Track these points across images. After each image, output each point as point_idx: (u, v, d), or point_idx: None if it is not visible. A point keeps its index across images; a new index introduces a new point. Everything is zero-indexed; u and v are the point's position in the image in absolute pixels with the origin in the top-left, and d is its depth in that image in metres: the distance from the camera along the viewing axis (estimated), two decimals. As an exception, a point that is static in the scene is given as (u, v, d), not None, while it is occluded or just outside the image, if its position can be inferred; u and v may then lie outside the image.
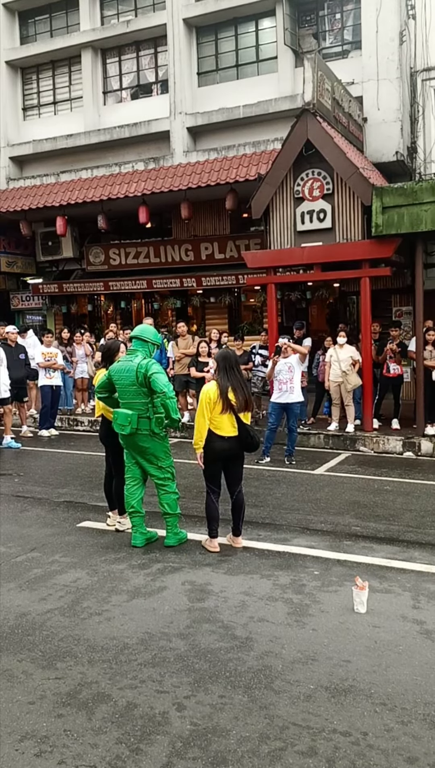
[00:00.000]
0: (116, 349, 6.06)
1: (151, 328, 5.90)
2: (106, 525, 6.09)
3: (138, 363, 5.38)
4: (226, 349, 5.67)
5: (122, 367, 5.48)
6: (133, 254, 16.09)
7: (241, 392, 5.33)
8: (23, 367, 11.18)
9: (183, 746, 2.85)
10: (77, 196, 14.61)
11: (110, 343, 6.37)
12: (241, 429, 5.36)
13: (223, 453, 5.37)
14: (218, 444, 5.33)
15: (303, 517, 6.45)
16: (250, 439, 5.40)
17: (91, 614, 4.19)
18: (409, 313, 13.13)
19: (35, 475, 8.44)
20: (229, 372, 5.36)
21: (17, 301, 18.41)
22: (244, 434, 5.38)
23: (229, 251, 14.80)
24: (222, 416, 5.30)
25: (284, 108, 13.60)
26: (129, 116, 15.80)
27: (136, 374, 5.34)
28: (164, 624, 4.03)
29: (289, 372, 8.93)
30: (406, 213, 9.60)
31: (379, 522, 6.30)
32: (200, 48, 15.43)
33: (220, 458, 5.40)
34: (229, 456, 5.41)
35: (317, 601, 4.37)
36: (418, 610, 4.23)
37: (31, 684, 3.38)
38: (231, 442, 5.35)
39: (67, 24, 17.17)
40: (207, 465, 5.42)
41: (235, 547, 5.48)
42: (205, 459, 5.39)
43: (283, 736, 2.92)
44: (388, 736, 2.92)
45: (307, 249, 10.54)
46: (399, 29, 12.79)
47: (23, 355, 11.23)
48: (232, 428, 5.34)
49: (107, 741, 2.89)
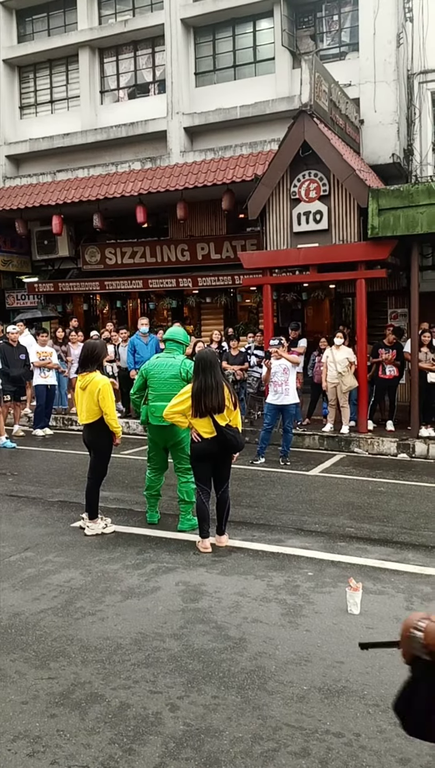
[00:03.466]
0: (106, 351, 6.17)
1: (182, 330, 6.58)
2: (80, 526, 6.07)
3: (182, 360, 6.05)
4: (204, 350, 5.71)
5: (163, 362, 6.05)
6: (129, 254, 16.07)
7: (216, 395, 5.28)
8: (23, 366, 11.24)
9: (176, 747, 2.84)
10: (73, 195, 14.59)
11: (98, 344, 6.21)
12: (219, 431, 5.33)
13: (205, 452, 5.40)
14: (200, 444, 5.38)
15: (297, 518, 6.46)
16: (230, 440, 5.37)
17: (84, 614, 4.18)
18: (404, 314, 13.16)
19: (29, 474, 8.43)
20: (205, 374, 5.34)
21: (13, 299, 18.37)
22: (221, 437, 5.34)
23: (225, 252, 14.80)
24: (198, 419, 5.35)
25: (281, 109, 13.61)
26: (126, 116, 15.78)
27: (181, 370, 5.93)
28: (158, 624, 4.03)
29: (284, 374, 8.94)
30: (402, 215, 9.63)
31: (373, 523, 6.31)
32: (198, 48, 15.42)
33: (205, 457, 5.43)
34: (214, 455, 5.42)
35: (311, 602, 4.37)
36: (411, 612, 4.23)
37: (24, 684, 3.37)
38: (211, 444, 5.36)
39: (65, 23, 17.14)
40: (193, 464, 5.54)
41: (220, 546, 5.49)
42: (191, 458, 5.55)
43: (276, 736, 2.92)
44: (380, 738, 2.92)
45: (303, 250, 10.56)
46: (396, 32, 12.81)
47: (23, 355, 11.29)
48: (210, 430, 5.34)
49: (100, 741, 2.88)
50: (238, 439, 5.47)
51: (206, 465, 5.47)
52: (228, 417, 5.39)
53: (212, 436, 5.33)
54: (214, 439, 5.34)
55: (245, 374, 11.64)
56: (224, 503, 5.55)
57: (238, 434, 5.49)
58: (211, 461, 5.46)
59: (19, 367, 11.10)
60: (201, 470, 5.49)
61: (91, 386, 5.77)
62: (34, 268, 17.85)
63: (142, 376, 6.16)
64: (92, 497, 5.92)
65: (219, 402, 5.29)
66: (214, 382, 5.31)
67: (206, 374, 5.34)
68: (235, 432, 5.45)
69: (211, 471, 5.51)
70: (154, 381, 6.01)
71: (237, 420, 5.52)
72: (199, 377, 5.36)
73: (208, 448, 5.38)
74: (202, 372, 5.36)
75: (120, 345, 12.47)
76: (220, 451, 5.42)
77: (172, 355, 6.08)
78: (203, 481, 5.51)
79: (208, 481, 5.53)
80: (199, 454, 5.45)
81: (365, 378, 10.55)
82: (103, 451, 5.97)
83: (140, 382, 6.17)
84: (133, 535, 5.85)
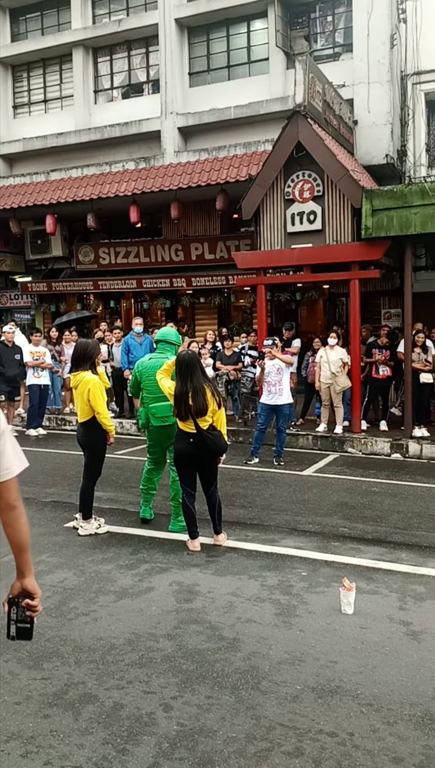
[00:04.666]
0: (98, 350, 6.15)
1: (173, 330, 6.52)
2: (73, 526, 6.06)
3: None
4: (183, 352, 5.58)
5: (155, 363, 5.95)
6: (122, 254, 16.04)
7: (197, 398, 5.24)
8: (18, 366, 11.23)
9: (170, 747, 2.84)
10: (67, 195, 14.57)
11: (91, 343, 6.16)
12: (199, 434, 5.30)
13: (185, 454, 5.39)
14: (182, 445, 5.40)
15: (291, 518, 6.47)
16: (209, 444, 5.32)
17: (78, 614, 4.17)
18: (398, 315, 13.19)
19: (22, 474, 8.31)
20: (184, 378, 5.31)
21: (6, 299, 18.32)
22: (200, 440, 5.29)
23: (219, 252, 14.80)
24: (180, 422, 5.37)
25: (275, 109, 13.63)
26: (120, 115, 15.76)
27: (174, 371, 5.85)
28: (151, 624, 4.03)
29: (277, 374, 8.94)
30: (395, 216, 9.65)
31: (367, 523, 6.32)
32: (192, 48, 15.42)
33: (185, 459, 5.42)
34: (195, 457, 5.41)
35: (305, 602, 4.38)
36: (404, 612, 4.25)
37: (17, 684, 3.36)
38: (191, 446, 5.34)
39: (59, 22, 17.10)
40: (176, 465, 5.60)
41: (217, 546, 5.49)
42: (174, 459, 5.62)
43: (270, 736, 2.93)
44: (374, 737, 2.93)
45: (297, 250, 10.57)
46: (390, 33, 12.85)
47: (18, 356, 11.28)
48: (191, 428, 5.35)
49: (93, 741, 2.88)
50: (218, 442, 5.39)
51: (188, 466, 5.47)
52: (211, 418, 5.36)
53: (193, 436, 5.32)
54: (195, 441, 5.32)
55: (239, 374, 11.64)
56: (214, 504, 5.54)
57: (219, 437, 5.40)
58: (194, 463, 5.46)
59: (14, 368, 11.11)
60: (184, 472, 5.49)
61: (81, 386, 5.78)
62: (27, 267, 17.79)
63: (135, 376, 6.17)
64: (86, 497, 5.91)
65: (200, 406, 5.26)
66: (194, 384, 5.27)
67: (185, 378, 5.29)
68: (217, 435, 5.39)
69: (195, 473, 5.52)
70: (148, 383, 6.00)
71: (221, 421, 5.46)
72: (179, 381, 5.33)
73: (188, 450, 5.38)
74: (182, 375, 5.32)
75: (114, 345, 12.45)
76: (201, 453, 5.39)
77: (165, 356, 6.05)
78: (187, 483, 5.51)
79: (193, 483, 5.53)
80: (179, 456, 5.46)
81: (359, 378, 10.57)
82: (96, 450, 5.96)
83: (135, 380, 6.19)
84: (127, 535, 5.84)
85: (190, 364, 5.34)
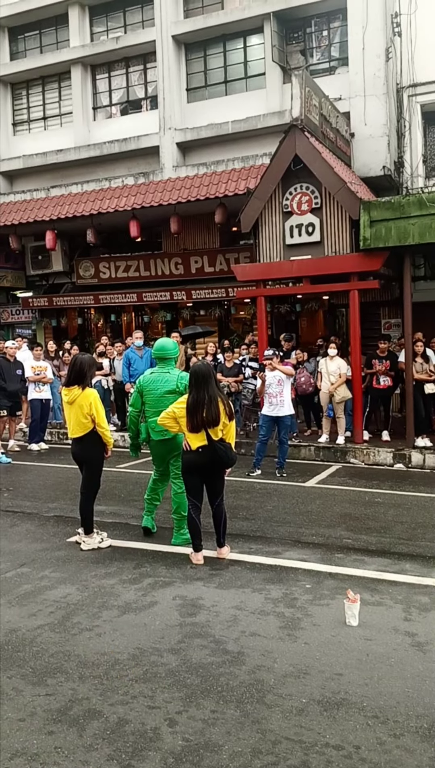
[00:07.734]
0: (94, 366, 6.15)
1: (169, 341, 6.32)
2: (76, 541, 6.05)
3: (178, 374, 6.00)
4: (199, 364, 5.64)
5: (157, 378, 5.99)
6: (123, 268, 16.13)
7: (211, 409, 5.25)
8: (19, 381, 11.26)
9: (175, 762, 2.82)
10: (67, 211, 14.67)
11: (86, 359, 6.07)
12: (211, 444, 5.30)
13: (195, 465, 5.39)
14: (191, 455, 5.38)
15: (294, 529, 6.45)
16: (220, 455, 5.34)
17: (81, 630, 4.16)
18: (398, 325, 13.22)
19: (25, 489, 8.39)
20: (199, 388, 5.31)
21: (7, 314, 18.39)
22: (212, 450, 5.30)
23: (218, 264, 14.88)
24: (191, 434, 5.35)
25: (272, 123, 13.73)
26: (119, 131, 15.90)
27: (177, 384, 5.89)
28: (155, 639, 4.01)
29: (278, 385, 8.95)
30: (393, 226, 9.70)
31: (371, 534, 6.30)
32: (189, 64, 15.58)
33: (195, 470, 5.41)
34: (204, 469, 5.40)
35: (309, 614, 4.36)
36: (409, 623, 4.23)
37: (21, 701, 3.34)
38: (201, 456, 5.34)
39: (57, 40, 17.30)
40: (184, 476, 5.53)
41: (220, 559, 5.47)
42: (182, 470, 5.55)
43: (276, 750, 2.91)
44: (380, 749, 2.91)
45: (296, 262, 10.62)
46: (385, 46, 12.98)
47: (20, 371, 11.30)
48: (202, 440, 5.34)
49: (98, 758, 2.86)
50: (229, 454, 5.42)
51: (196, 478, 5.45)
52: (222, 431, 5.38)
53: (203, 448, 5.32)
54: (205, 452, 5.33)
55: (240, 386, 11.65)
56: (220, 516, 5.54)
57: (229, 449, 5.43)
58: (202, 474, 5.45)
59: (16, 382, 11.12)
60: (191, 483, 5.47)
61: (81, 399, 5.75)
62: (28, 282, 17.88)
63: (138, 391, 6.12)
64: (86, 512, 5.89)
65: (214, 416, 5.28)
66: (208, 395, 5.29)
67: (200, 388, 5.32)
68: (228, 447, 5.42)
69: (202, 484, 5.50)
70: (149, 397, 5.98)
71: (231, 433, 5.50)
72: (194, 391, 5.35)
73: (198, 461, 5.37)
74: (197, 386, 5.34)
75: (115, 358, 12.47)
76: (210, 464, 5.40)
77: (166, 370, 6.02)
78: (194, 495, 5.49)
79: (199, 495, 5.51)
80: (188, 467, 5.44)
81: (360, 389, 10.57)
82: (94, 464, 5.94)
83: (137, 396, 6.12)
84: (130, 549, 5.82)
85: (205, 375, 5.39)
